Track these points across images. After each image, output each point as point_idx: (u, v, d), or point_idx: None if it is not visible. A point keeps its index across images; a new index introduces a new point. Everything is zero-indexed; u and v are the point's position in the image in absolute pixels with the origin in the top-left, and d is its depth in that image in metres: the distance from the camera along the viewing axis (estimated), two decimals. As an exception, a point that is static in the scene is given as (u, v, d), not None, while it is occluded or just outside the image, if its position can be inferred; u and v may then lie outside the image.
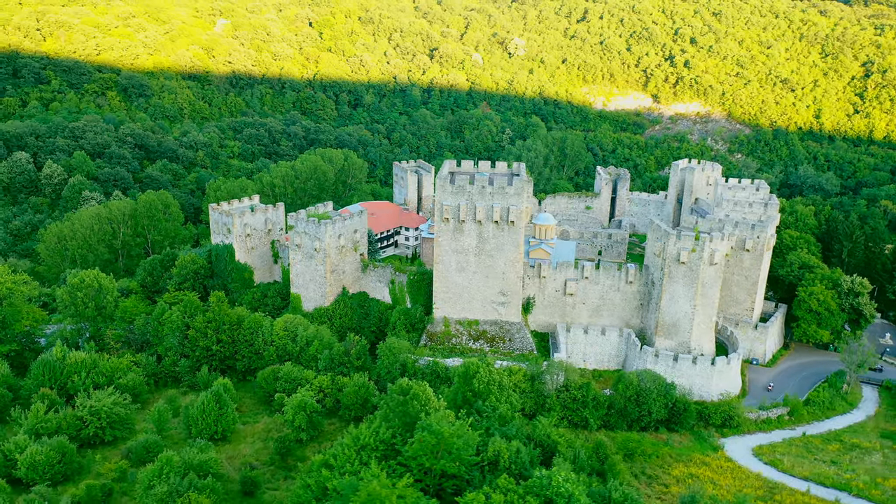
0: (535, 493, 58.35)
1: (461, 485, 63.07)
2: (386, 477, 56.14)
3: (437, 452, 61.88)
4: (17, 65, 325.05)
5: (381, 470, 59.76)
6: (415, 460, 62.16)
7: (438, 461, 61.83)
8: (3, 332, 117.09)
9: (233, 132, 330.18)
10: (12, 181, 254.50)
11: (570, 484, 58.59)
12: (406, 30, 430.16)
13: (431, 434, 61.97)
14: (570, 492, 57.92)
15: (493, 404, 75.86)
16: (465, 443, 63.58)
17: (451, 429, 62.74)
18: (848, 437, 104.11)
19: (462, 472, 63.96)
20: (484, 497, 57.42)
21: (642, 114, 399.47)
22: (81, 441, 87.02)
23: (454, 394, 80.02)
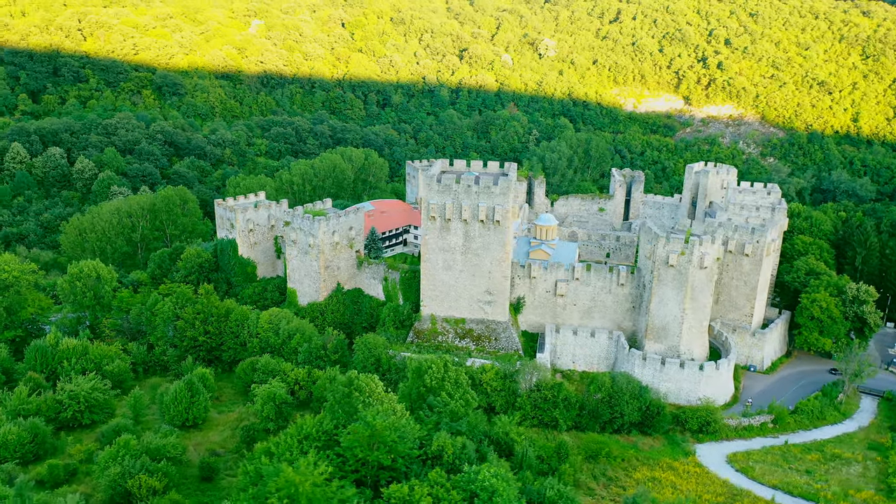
0: (462, 488, 58.99)
1: (399, 477, 64.01)
2: (313, 465, 57.44)
3: (372, 444, 63.02)
4: (57, 63, 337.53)
5: (320, 459, 61.17)
6: (350, 451, 63.42)
7: (372, 452, 62.93)
8: (9, 319, 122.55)
9: (261, 130, 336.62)
10: (46, 175, 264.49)
11: (497, 480, 58.98)
12: (437, 30, 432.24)
13: (365, 426, 63.16)
14: (494, 487, 58.36)
15: (445, 400, 76.56)
16: (400, 436, 64.49)
17: (385, 421, 63.72)
18: (831, 447, 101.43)
19: (399, 464, 64.96)
20: (408, 489, 58.34)
21: (673, 116, 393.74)
22: (61, 423, 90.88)
23: (408, 389, 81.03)
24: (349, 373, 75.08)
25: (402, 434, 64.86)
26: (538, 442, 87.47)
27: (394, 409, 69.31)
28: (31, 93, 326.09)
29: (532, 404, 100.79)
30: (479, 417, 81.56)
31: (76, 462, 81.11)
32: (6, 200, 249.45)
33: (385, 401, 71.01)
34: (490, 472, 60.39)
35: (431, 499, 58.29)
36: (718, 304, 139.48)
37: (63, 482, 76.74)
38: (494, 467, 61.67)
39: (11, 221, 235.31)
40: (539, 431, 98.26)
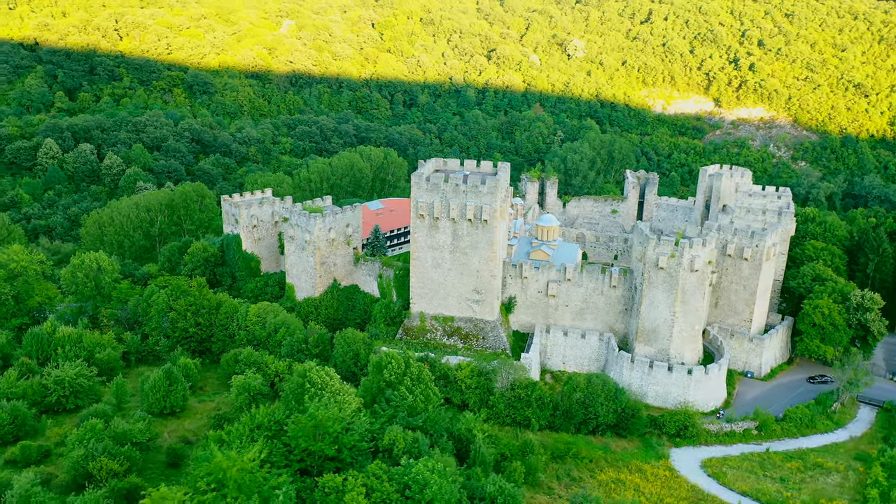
0: (397, 480, 59.81)
1: (345, 468, 65.09)
2: (244, 451, 58.95)
3: (317, 435, 64.27)
4: (93, 62, 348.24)
5: (266, 448, 62.76)
6: (295, 440, 64.78)
7: (316, 443, 64.19)
8: (16, 307, 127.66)
9: (286, 129, 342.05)
10: (76, 170, 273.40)
11: (432, 473, 59.56)
12: (465, 31, 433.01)
13: (308, 417, 64.46)
14: (426, 480, 59.02)
15: (403, 394, 77.40)
16: (346, 427, 65.60)
17: (328, 413, 64.93)
18: (814, 456, 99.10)
19: (346, 455, 66.11)
20: (342, 479, 59.42)
21: (703, 118, 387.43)
22: (47, 407, 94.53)
23: (370, 383, 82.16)
24: (304, 365, 76.70)
25: (349, 426, 65.99)
26: (503, 440, 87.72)
27: (344, 401, 70.51)
28: (67, 91, 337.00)
29: (506, 403, 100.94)
30: (441, 413, 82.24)
31: (51, 444, 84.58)
32: (38, 194, 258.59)
33: (341, 393, 72.25)
34: (426, 465, 61.06)
35: (365, 489, 59.32)
36: (718, 309, 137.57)
37: (35, 462, 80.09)
38: (433, 461, 62.26)
39: (41, 214, 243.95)
40: (512, 430, 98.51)
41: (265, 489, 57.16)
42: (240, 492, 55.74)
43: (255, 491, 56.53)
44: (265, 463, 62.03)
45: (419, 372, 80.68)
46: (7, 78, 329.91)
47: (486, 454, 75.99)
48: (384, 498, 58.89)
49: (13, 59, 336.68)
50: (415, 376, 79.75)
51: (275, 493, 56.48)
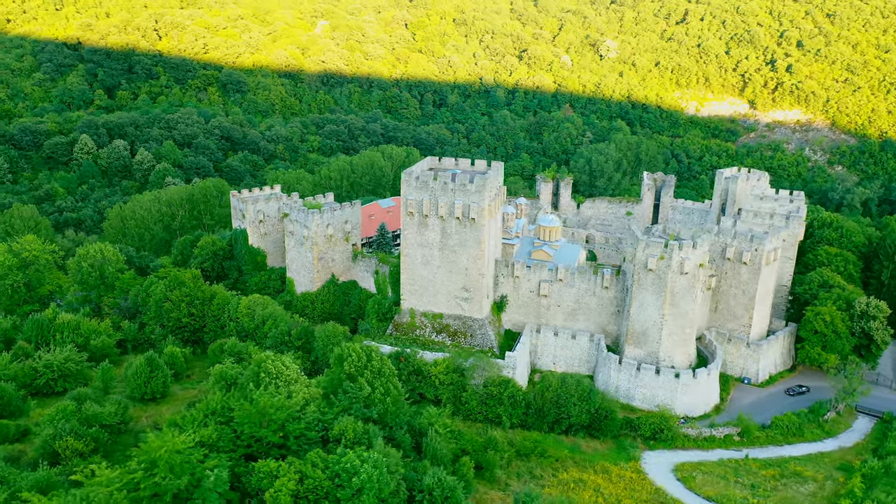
0: (331, 468, 61.09)
1: (291, 455, 66.64)
2: (178, 434, 61.06)
3: (262, 422, 66.06)
4: (132, 61, 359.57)
5: (214, 433, 64.85)
6: (241, 426, 66.69)
7: (261, 430, 65.98)
8: (28, 294, 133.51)
9: (315, 127, 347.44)
10: (110, 165, 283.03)
11: (363, 463, 60.62)
12: (497, 31, 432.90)
13: (251, 403, 66.30)
14: (355, 469, 60.17)
15: (361, 385, 78.60)
16: (291, 416, 67.26)
17: (272, 401, 66.64)
18: (795, 464, 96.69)
19: (291, 443, 67.74)
20: (276, 465, 60.99)
21: (737, 120, 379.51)
22: (36, 389, 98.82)
23: (331, 375, 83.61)
24: (261, 355, 78.79)
25: (294, 414, 67.65)
26: (467, 436, 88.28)
27: (298, 391, 72.14)
28: (106, 89, 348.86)
29: (478, 400, 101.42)
30: (403, 407, 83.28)
31: (31, 424, 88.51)
32: (72, 188, 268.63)
33: (298, 383, 73.96)
34: (359, 455, 62.21)
35: (299, 476, 60.80)
36: (717, 313, 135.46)
37: (12, 441, 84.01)
38: (366, 451, 63.34)
39: (73, 207, 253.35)
40: (484, 427, 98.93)
41: (198, 470, 59.23)
42: (171, 472, 57.95)
43: (187, 472, 58.66)
44: (208, 447, 64.08)
45: (381, 366, 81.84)
46: (50, 76, 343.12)
47: (438, 448, 76.69)
48: (316, 485, 60.32)
49: (57, 58, 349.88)
50: (375, 370, 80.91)
51: (206, 475, 58.49)
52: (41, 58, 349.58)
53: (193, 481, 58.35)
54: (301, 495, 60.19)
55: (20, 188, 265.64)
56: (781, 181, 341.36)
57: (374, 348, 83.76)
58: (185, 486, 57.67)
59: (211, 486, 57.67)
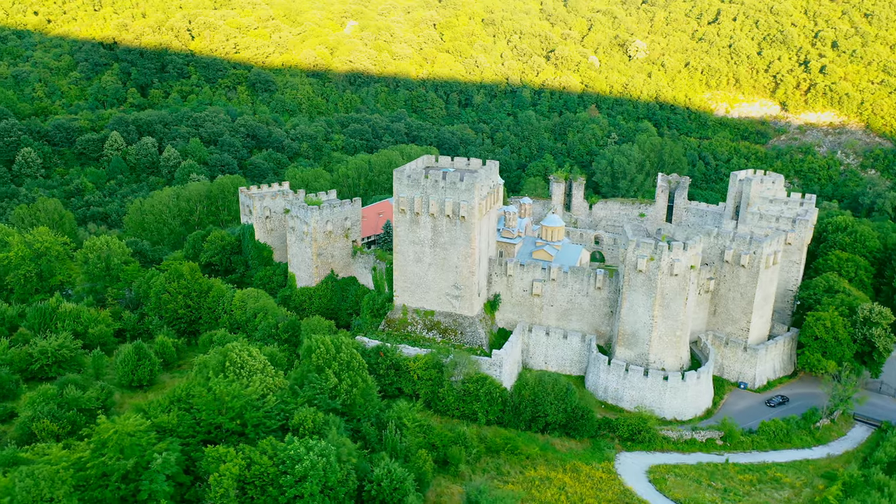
0: (276, 455, 62.66)
1: (249, 443, 68.48)
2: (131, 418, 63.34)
3: (220, 409, 68.01)
4: (164, 61, 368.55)
5: (175, 418, 67.08)
6: (199, 413, 68.74)
7: (218, 416, 67.92)
8: (40, 284, 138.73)
9: (339, 126, 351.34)
10: (138, 162, 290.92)
11: (312, 452, 61.94)
12: (525, 31, 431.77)
13: (207, 391, 68.28)
14: (299, 456, 61.60)
15: (327, 377, 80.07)
16: (246, 404, 69.05)
17: (228, 388, 68.50)
18: (775, 470, 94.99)
19: (249, 431, 69.58)
20: (224, 450, 62.75)
21: (768, 122, 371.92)
22: (32, 374, 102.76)
23: (300, 366, 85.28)
24: (227, 345, 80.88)
25: (254, 403, 69.47)
26: (436, 430, 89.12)
27: (262, 380, 73.97)
28: (139, 87, 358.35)
29: (455, 396, 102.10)
30: (372, 399, 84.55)
31: (19, 407, 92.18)
32: (100, 183, 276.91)
33: (261, 373, 75.80)
34: (305, 443, 63.66)
35: (247, 462, 62.55)
36: (715, 316, 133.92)
37: (1, 421, 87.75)
38: (315, 440, 64.67)
39: (100, 202, 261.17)
40: (461, 423, 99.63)
41: (148, 453, 61.41)
42: (121, 454, 60.24)
43: (137, 454, 60.89)
44: (168, 432, 66.31)
45: (349, 359, 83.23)
46: (86, 75, 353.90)
47: (397, 440, 77.78)
48: (262, 471, 62.00)
49: (93, 58, 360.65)
50: (344, 362, 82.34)
51: (154, 457, 60.63)
52: (78, 57, 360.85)
53: (143, 463, 60.60)
54: (248, 481, 61.95)
55: (52, 182, 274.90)
56: (811, 185, 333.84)
57: (344, 341, 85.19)
58: (134, 468, 59.88)
59: (158, 468, 59.80)
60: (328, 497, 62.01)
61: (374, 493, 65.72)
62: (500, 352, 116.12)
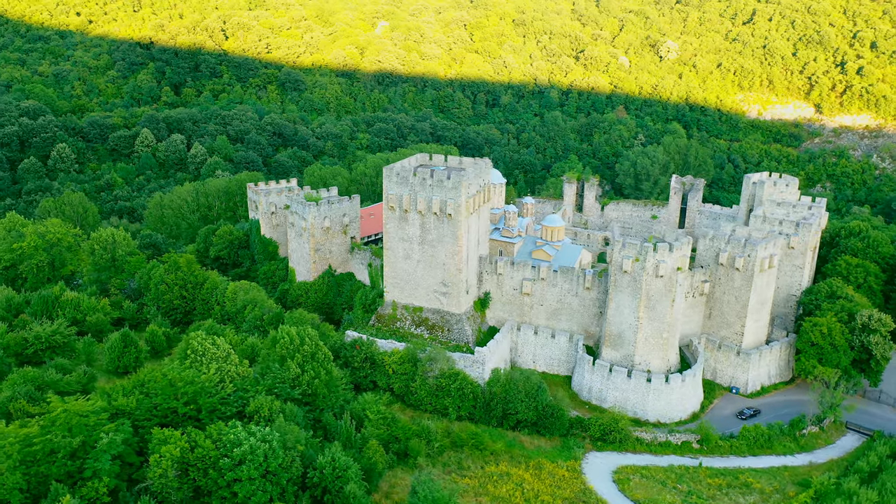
0: (220, 439, 64.69)
1: (203, 427, 70.79)
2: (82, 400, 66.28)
3: (175, 394, 70.48)
4: (198, 60, 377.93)
5: (133, 402, 69.89)
6: (156, 398, 71.30)
7: (173, 401, 70.36)
8: (52, 273, 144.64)
9: (365, 125, 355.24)
10: (167, 158, 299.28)
11: (252, 437, 63.82)
12: (556, 32, 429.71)
13: (161, 377, 70.78)
14: (238, 441, 63.52)
15: (289, 367, 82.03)
16: (200, 390, 71.35)
17: (182, 374, 70.89)
18: (748, 476, 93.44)
19: (204, 416, 71.89)
20: (169, 432, 65.05)
21: (801, 125, 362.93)
22: (27, 358, 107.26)
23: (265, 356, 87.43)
24: (191, 333, 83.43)
25: (209, 389, 71.82)
26: (401, 423, 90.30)
27: (222, 367, 76.30)
28: (173, 86, 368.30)
29: (428, 391, 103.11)
30: (337, 391, 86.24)
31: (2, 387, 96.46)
32: (130, 178, 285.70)
33: (224, 361, 78.11)
34: (248, 428, 65.60)
35: (188, 444, 64.84)
36: (711, 320, 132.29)
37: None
38: (258, 426, 66.53)
39: (128, 196, 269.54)
40: (432, 417, 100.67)
41: (96, 433, 64.15)
42: (69, 432, 63.12)
43: (84, 433, 63.67)
44: (126, 415, 69.07)
45: (313, 350, 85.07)
46: (122, 74, 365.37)
47: (351, 431, 79.25)
48: (204, 454, 64.18)
49: (129, 57, 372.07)
50: (308, 354, 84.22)
51: (101, 436, 63.33)
52: (115, 56, 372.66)
53: (91, 442, 63.38)
54: (192, 463, 64.24)
55: (84, 177, 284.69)
56: (844, 189, 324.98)
57: (311, 333, 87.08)
58: (82, 446, 62.68)
59: (104, 447, 62.47)
60: (270, 482, 63.90)
61: (317, 480, 67.36)
62: (484, 349, 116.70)
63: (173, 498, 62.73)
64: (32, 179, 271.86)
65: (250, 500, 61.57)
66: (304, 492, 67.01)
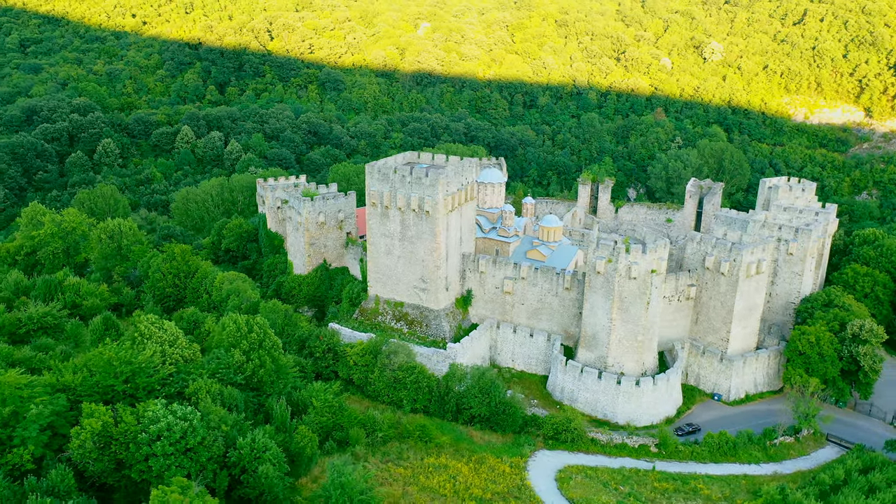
0: (144, 416, 68.32)
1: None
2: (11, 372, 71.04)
3: (113, 373, 74.54)
4: (242, 60, 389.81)
5: (79, 378, 74.47)
6: (97, 375, 75.50)
7: (110, 379, 74.41)
8: (66, 260, 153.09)
9: (400, 125, 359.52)
10: (205, 154, 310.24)
11: (170, 415, 67.00)
12: (598, 33, 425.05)
13: (97, 355, 74.94)
14: (157, 417, 66.82)
15: (232, 353, 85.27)
16: (137, 370, 75.23)
17: (118, 354, 74.86)
18: (700, 482, 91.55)
19: (140, 394, 75.76)
20: (94, 407, 68.85)
21: (850, 129, 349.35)
22: (20, 338, 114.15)
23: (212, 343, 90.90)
24: (140, 317, 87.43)
25: (147, 370, 75.80)
26: (347, 412, 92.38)
27: (167, 350, 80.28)
28: (218, 85, 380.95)
29: (385, 383, 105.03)
30: (286, 378, 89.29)
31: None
32: (168, 173, 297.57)
33: (172, 345, 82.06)
34: (170, 407, 68.92)
35: (112, 419, 68.77)
36: (698, 325, 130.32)
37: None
38: (181, 405, 69.71)
39: (164, 191, 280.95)
40: (388, 409, 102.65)
41: (27, 405, 68.64)
42: (2, 403, 67.78)
43: (16, 404, 68.22)
44: (70, 391, 73.58)
45: (261, 338, 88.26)
46: (171, 73, 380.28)
47: (286, 416, 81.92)
48: (126, 429, 67.95)
49: (178, 57, 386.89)
50: (255, 341, 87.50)
51: (29, 406, 67.85)
52: (165, 56, 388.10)
53: (22, 413, 67.99)
54: (115, 437, 68.16)
55: (127, 172, 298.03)
56: (891, 196, 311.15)
57: (257, 322, 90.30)
58: (13, 415, 67.33)
59: (33, 418, 66.97)
60: (188, 458, 67.29)
61: (235, 460, 70.39)
62: (456, 345, 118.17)
63: (92, 468, 66.87)
64: (78, 173, 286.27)
65: (164, 474, 65.00)
66: (223, 470, 70.10)
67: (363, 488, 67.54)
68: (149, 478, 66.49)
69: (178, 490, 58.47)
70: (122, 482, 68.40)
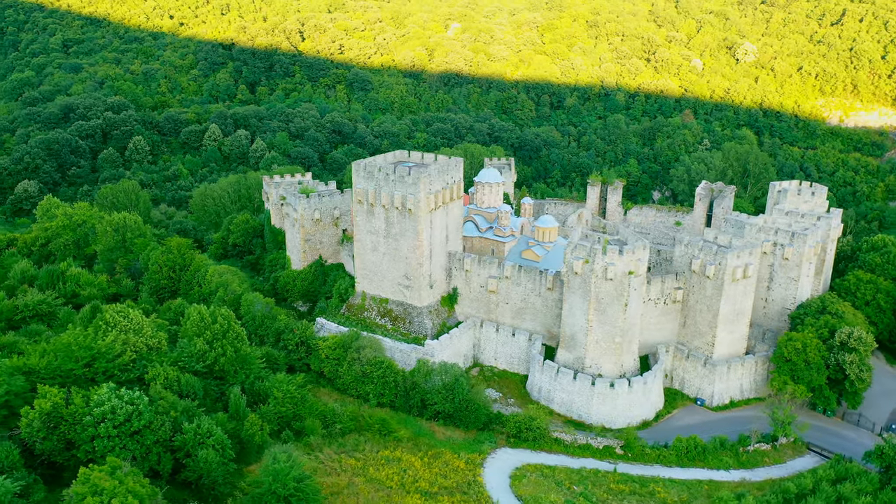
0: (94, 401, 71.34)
1: (97, 388, 78.00)
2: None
3: (74, 357, 77.88)
4: (273, 60, 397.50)
5: (43, 361, 78.25)
6: (60, 359, 78.94)
7: (70, 364, 77.72)
8: (77, 252, 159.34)
9: (424, 125, 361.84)
10: (231, 152, 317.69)
11: (115, 398, 69.82)
12: (629, 33, 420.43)
13: (57, 339, 78.44)
14: (102, 400, 69.73)
15: (195, 342, 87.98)
16: (96, 355, 78.46)
17: (77, 339, 78.20)
18: (659, 486, 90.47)
19: (99, 378, 79.01)
20: (48, 389, 72.16)
21: (887, 133, 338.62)
22: (17, 324, 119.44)
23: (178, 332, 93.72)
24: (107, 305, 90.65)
25: (107, 356, 79.06)
26: (309, 403, 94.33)
27: (128, 338, 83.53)
28: (249, 85, 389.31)
29: (354, 377, 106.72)
30: (251, 367, 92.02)
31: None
32: (195, 170, 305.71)
33: (135, 333, 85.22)
34: (116, 391, 71.80)
35: (63, 401, 72.07)
36: (685, 328, 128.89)
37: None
38: (129, 390, 72.59)
39: (189, 187, 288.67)
40: (356, 402, 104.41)
41: (-3, 388, 72.53)
42: (-41, 384, 71.94)
43: (-26, 384, 72.30)
44: (34, 373, 77.26)
45: (225, 329, 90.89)
46: (204, 72, 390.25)
47: (241, 404, 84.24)
48: (76, 411, 71.14)
49: (211, 57, 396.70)
50: (218, 331, 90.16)
51: (-14, 388, 71.77)
52: (199, 56, 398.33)
53: (-20, 394, 72.04)
54: (66, 418, 71.47)
55: (155, 168, 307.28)
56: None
57: (221, 313, 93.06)
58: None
59: (-15, 395, 70.96)
60: (134, 440, 70.25)
61: (180, 444, 73.11)
62: (433, 343, 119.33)
63: (40, 446, 70.32)
64: (109, 168, 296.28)
65: (108, 454, 67.94)
66: (168, 454, 72.86)
67: (298, 475, 69.34)
68: (94, 458, 69.59)
69: (108, 470, 61.18)
70: (71, 461, 71.63)
